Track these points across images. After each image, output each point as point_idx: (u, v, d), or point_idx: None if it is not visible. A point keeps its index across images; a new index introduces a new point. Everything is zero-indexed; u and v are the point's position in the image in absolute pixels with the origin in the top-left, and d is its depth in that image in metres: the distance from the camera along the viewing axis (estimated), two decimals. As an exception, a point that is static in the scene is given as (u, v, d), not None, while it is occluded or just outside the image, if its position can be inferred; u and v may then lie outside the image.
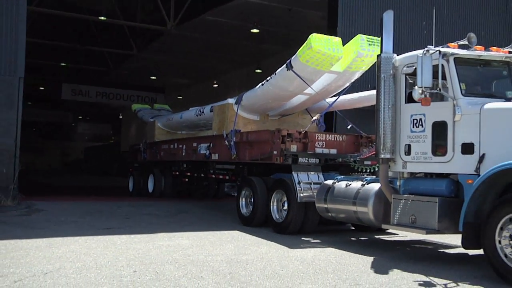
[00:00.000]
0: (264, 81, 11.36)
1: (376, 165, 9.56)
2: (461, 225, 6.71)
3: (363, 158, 9.88)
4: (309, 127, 11.26)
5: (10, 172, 13.52)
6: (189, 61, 30.34)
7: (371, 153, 9.46)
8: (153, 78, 36.39)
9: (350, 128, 11.40)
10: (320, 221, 10.21)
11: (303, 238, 9.59)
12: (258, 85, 11.72)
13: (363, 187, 8.60)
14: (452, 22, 18.42)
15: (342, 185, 9.15)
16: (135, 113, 20.40)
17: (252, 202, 10.96)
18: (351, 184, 8.96)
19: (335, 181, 9.42)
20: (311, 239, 9.55)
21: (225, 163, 13.14)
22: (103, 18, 24.20)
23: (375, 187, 8.35)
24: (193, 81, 36.44)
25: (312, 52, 9.43)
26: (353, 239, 9.99)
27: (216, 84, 34.58)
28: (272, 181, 10.73)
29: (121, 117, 45.84)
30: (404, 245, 9.61)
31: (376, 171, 9.75)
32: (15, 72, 13.83)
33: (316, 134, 10.79)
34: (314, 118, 11.52)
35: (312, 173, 10.09)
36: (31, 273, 6.05)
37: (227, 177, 13.22)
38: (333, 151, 10.73)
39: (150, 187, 17.81)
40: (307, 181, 9.86)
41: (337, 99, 11.44)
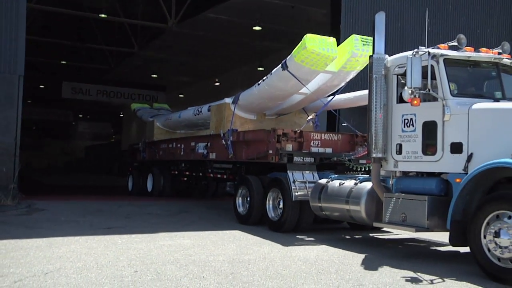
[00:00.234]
0: (260, 81, 11.53)
1: (370, 164, 9.63)
2: (448, 223, 6.91)
3: (358, 157, 10.08)
4: (304, 126, 11.42)
5: (10, 171, 13.55)
6: (191, 59, 30.38)
7: (365, 152, 9.64)
8: (154, 76, 36.43)
9: (345, 125, 11.51)
10: (316, 220, 10.39)
11: (298, 236, 9.75)
12: (254, 85, 11.89)
13: (356, 186, 8.77)
14: (456, 19, 18.40)
15: (335, 184, 9.32)
16: (134, 112, 20.51)
17: (248, 200, 11.12)
18: (344, 183, 9.13)
19: (329, 180, 9.59)
20: (305, 237, 9.70)
21: (223, 162, 13.30)
22: (103, 15, 24.25)
23: (368, 186, 8.52)
24: (195, 79, 36.47)
25: (306, 52, 9.58)
26: (347, 237, 10.16)
27: (217, 82, 34.63)
28: (268, 180, 10.87)
29: (122, 115, 45.87)
30: (397, 243, 9.78)
31: (370, 170, 9.83)
32: (15, 70, 13.88)
33: (311, 133, 10.93)
34: (309, 117, 11.68)
35: (307, 172, 10.23)
36: (31, 273, 6.06)
37: (225, 176, 13.38)
38: (329, 150, 10.88)
39: (149, 187, 17.91)
40: (302, 180, 10.01)
41: (332, 98, 11.61)
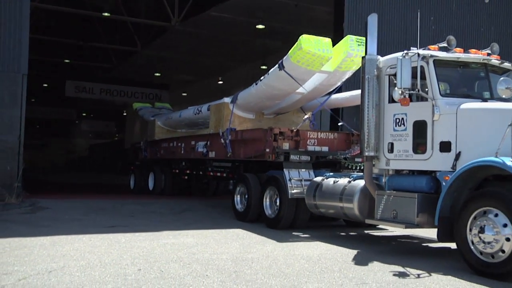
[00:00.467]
0: (257, 81, 11.80)
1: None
2: (436, 219, 7.19)
3: (353, 155, 10.32)
4: (300, 125, 11.68)
5: (14, 169, 13.64)
6: (194, 57, 30.42)
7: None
8: (157, 74, 36.49)
9: (341, 125, 11.66)
10: (313, 217, 10.62)
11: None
12: (252, 85, 12.15)
13: (349, 184, 9.04)
14: (461, 17, 18.36)
15: (330, 182, 9.58)
16: (136, 111, 20.81)
17: (246, 198, 11.38)
18: (338, 181, 9.40)
19: (324, 178, 9.84)
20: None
21: (222, 161, 13.58)
22: (106, 14, 24.34)
23: (361, 183, 8.77)
24: (198, 78, 36.49)
25: (302, 52, 9.83)
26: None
27: (221, 80, 34.64)
28: (265, 178, 11.13)
29: (125, 114, 45.92)
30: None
31: None
32: (19, 69, 13.99)
33: (308, 132, 11.20)
34: (305, 116, 11.97)
35: (303, 170, 10.47)
36: (36, 271, 6.10)
37: (224, 174, 13.63)
38: (325, 149, 11.14)
39: (150, 185, 18.20)
40: (298, 178, 10.27)
41: (328, 98, 11.85)
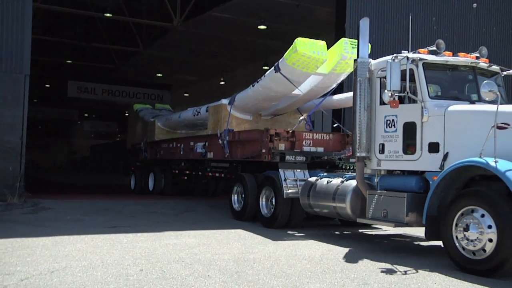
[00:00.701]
0: (254, 83, 12.03)
1: None
2: (424, 218, 7.39)
3: (348, 156, 10.52)
4: (296, 126, 11.88)
5: (16, 170, 13.65)
6: (196, 58, 30.48)
7: None
8: (159, 75, 36.57)
9: (336, 126, 11.82)
10: (309, 217, 10.82)
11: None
12: (249, 86, 12.37)
13: (342, 184, 9.26)
14: (462, 18, 18.35)
15: (323, 182, 9.80)
16: (136, 112, 21.08)
17: (243, 197, 11.62)
18: (332, 181, 9.62)
19: (318, 178, 10.06)
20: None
21: (220, 161, 13.80)
22: (108, 14, 24.42)
23: (353, 183, 8.99)
24: (200, 78, 36.55)
25: (297, 55, 10.02)
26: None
27: (222, 81, 34.67)
28: (261, 178, 11.34)
29: (127, 114, 45.94)
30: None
31: None
32: (21, 69, 14.06)
33: (303, 133, 11.42)
34: (301, 118, 12.19)
35: (298, 170, 10.68)
36: (38, 271, 6.12)
37: (222, 175, 13.84)
38: (320, 150, 11.37)
39: (150, 185, 18.42)
40: (293, 178, 10.49)
41: (324, 99, 12.08)
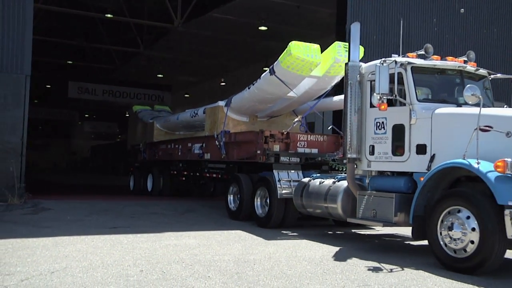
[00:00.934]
0: (250, 85, 12.21)
1: None
2: (411, 217, 7.58)
3: (341, 157, 10.74)
4: (291, 128, 12.07)
5: (17, 170, 13.66)
6: (196, 58, 30.51)
7: None
8: (160, 76, 36.60)
9: (330, 128, 12.08)
10: (303, 217, 10.97)
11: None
12: (245, 89, 12.54)
13: (334, 185, 9.43)
14: (463, 19, 18.35)
15: (316, 182, 9.97)
16: (136, 114, 21.25)
17: (239, 197, 11.77)
18: (324, 181, 9.77)
19: (311, 179, 10.22)
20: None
21: (217, 162, 13.97)
22: (109, 15, 24.42)
23: (344, 184, 9.13)
24: (200, 79, 36.59)
25: (292, 58, 10.25)
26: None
27: (223, 82, 34.69)
28: (256, 178, 11.48)
29: (127, 115, 45.89)
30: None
31: None
32: (22, 70, 14.08)
33: (298, 134, 11.61)
34: (295, 120, 12.43)
35: (292, 171, 10.87)
36: (38, 272, 6.12)
37: (219, 175, 14.00)
38: (315, 151, 11.51)
39: (149, 186, 18.56)
40: (287, 179, 10.66)
41: (318, 102, 12.28)
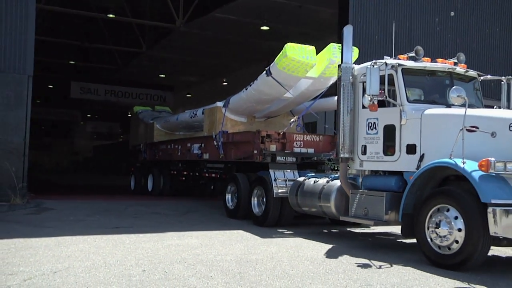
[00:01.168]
0: (247, 86, 12.36)
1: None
2: (400, 215, 7.76)
3: (335, 157, 10.65)
4: (287, 128, 12.28)
5: (19, 170, 13.67)
6: (198, 58, 30.50)
7: None
8: (162, 76, 36.60)
9: (327, 127, 12.20)
10: (301, 216, 11.10)
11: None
12: (242, 90, 12.70)
13: (328, 184, 9.56)
14: (465, 18, 18.34)
15: (311, 181, 10.10)
16: (136, 115, 21.41)
17: (236, 196, 11.96)
18: (318, 181, 9.89)
19: (306, 178, 10.35)
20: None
21: (215, 162, 14.14)
22: (111, 15, 24.44)
23: (338, 183, 9.25)
24: (202, 79, 36.57)
25: (287, 60, 10.42)
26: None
27: (225, 82, 34.67)
28: (253, 178, 11.62)
29: (129, 115, 45.91)
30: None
31: None
32: (24, 70, 14.11)
33: (294, 134, 11.78)
34: (292, 120, 12.63)
35: (288, 170, 11.01)
36: (40, 271, 6.14)
37: (218, 175, 14.15)
38: (311, 151, 11.67)
39: (149, 186, 18.73)
40: (283, 178, 10.81)
41: (314, 102, 12.41)
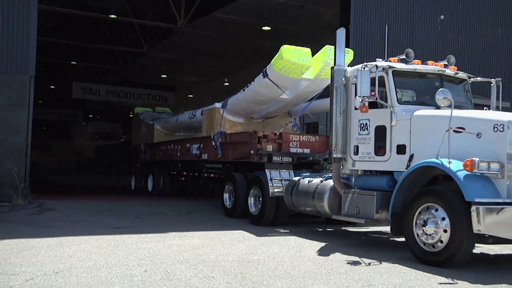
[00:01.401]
0: (245, 87, 12.48)
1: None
2: (389, 214, 7.93)
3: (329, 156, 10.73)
4: (283, 129, 12.43)
5: (21, 171, 13.69)
6: (200, 59, 30.51)
7: None
8: (164, 76, 36.59)
9: (322, 128, 12.33)
10: (297, 215, 11.23)
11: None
12: (240, 91, 12.82)
13: (321, 183, 9.67)
14: (467, 18, 18.31)
15: (305, 181, 10.22)
16: (137, 115, 21.57)
17: (234, 195, 12.08)
18: (312, 180, 10.02)
19: (300, 178, 10.48)
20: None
21: (213, 162, 14.26)
22: (113, 16, 24.44)
23: (331, 183, 9.34)
24: (204, 80, 36.58)
25: (283, 61, 10.58)
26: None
27: (227, 82, 34.66)
28: (250, 177, 11.71)
29: (131, 116, 45.94)
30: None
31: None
32: (26, 70, 14.12)
33: (290, 135, 11.89)
34: (288, 122, 12.88)
35: (283, 170, 11.13)
36: (43, 272, 6.15)
37: (216, 175, 14.28)
38: (307, 151, 11.78)
39: (149, 186, 18.81)
40: (278, 178, 10.94)
41: (310, 103, 12.54)
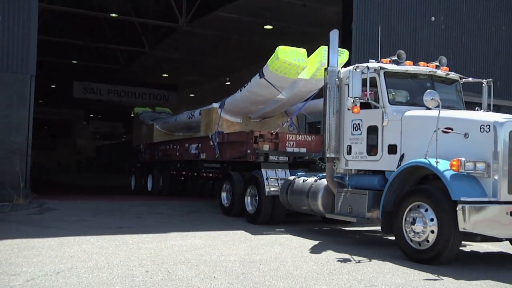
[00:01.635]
0: (242, 88, 12.56)
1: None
2: (380, 213, 8.04)
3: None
4: (279, 129, 12.51)
5: (22, 170, 13.68)
6: (201, 58, 30.49)
7: None
8: (165, 75, 36.57)
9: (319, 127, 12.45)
10: (294, 213, 11.30)
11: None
12: (237, 91, 12.90)
13: (315, 182, 9.85)
14: (471, 17, 18.28)
15: (300, 180, 10.38)
16: (137, 116, 21.69)
17: (231, 194, 12.36)
18: (307, 179, 10.06)
19: (296, 177, 10.53)
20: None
21: (212, 162, 14.32)
22: (114, 15, 24.42)
23: (325, 182, 9.38)
24: (205, 79, 36.56)
25: (279, 62, 10.73)
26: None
27: (228, 81, 34.64)
28: (247, 176, 11.78)
29: (132, 115, 45.98)
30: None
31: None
32: (27, 70, 14.09)
33: (287, 134, 11.98)
34: (284, 121, 12.95)
35: (279, 170, 11.20)
36: (43, 272, 6.14)
37: (215, 175, 14.39)
38: (303, 150, 11.87)
39: (149, 186, 18.91)
40: (275, 177, 11.01)
41: (306, 103, 12.62)
